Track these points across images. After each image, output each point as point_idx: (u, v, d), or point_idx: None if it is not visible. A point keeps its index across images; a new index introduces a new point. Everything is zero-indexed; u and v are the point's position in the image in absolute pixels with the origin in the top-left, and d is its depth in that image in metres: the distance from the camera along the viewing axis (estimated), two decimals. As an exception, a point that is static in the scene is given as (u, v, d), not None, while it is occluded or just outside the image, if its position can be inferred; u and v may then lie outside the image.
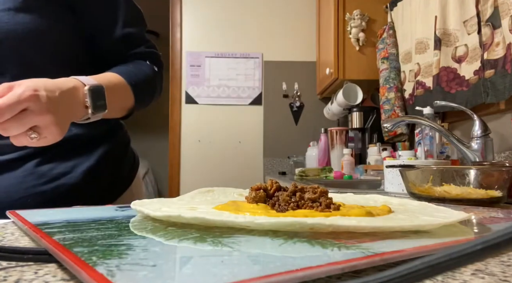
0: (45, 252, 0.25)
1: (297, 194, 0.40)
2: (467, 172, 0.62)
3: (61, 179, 0.65)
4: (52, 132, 0.51)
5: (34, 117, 0.48)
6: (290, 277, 0.19)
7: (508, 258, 0.27)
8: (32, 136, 0.49)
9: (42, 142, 0.51)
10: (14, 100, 0.46)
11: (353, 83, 2.26)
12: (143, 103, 0.74)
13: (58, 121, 0.51)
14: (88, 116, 0.58)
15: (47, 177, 0.64)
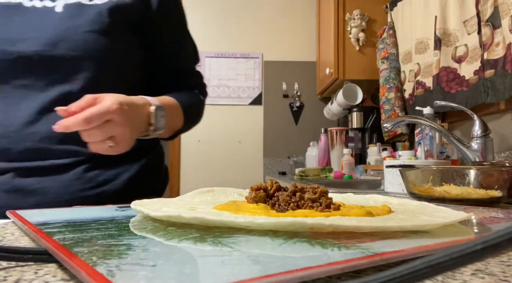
0: (45, 252, 0.25)
1: (297, 194, 0.40)
2: (467, 172, 0.62)
3: (105, 186, 0.67)
4: (125, 143, 0.57)
5: (115, 128, 0.54)
6: (290, 277, 0.19)
7: (508, 258, 0.27)
8: (109, 145, 0.55)
9: (114, 150, 0.56)
10: (103, 111, 0.51)
11: (353, 83, 2.26)
12: (188, 127, 0.81)
13: (132, 134, 0.57)
14: (148, 133, 0.63)
15: (93, 183, 0.66)
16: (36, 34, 0.63)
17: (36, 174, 0.63)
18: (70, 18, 0.65)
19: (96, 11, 0.66)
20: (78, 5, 0.66)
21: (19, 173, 0.62)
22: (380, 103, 1.97)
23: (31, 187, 0.62)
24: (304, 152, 2.59)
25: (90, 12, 0.66)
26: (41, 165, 0.63)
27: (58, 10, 0.66)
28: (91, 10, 0.66)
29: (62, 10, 0.66)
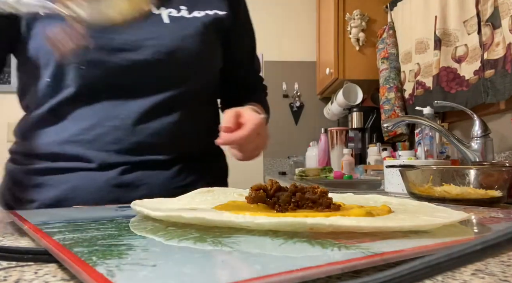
0: (45, 252, 0.25)
1: (297, 194, 0.40)
2: (467, 172, 0.62)
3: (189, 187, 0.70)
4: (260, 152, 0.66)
5: (261, 140, 0.63)
6: (290, 277, 0.19)
7: (508, 258, 0.27)
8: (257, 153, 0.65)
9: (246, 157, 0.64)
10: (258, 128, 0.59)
11: (353, 83, 2.26)
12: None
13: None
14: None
15: (183, 182, 0.71)
16: (154, 42, 0.67)
17: (141, 168, 0.67)
18: (180, 29, 0.70)
19: (201, 23, 0.72)
20: (181, 18, 0.72)
21: (126, 169, 0.66)
22: (380, 103, 1.97)
23: (138, 182, 0.66)
24: (304, 152, 2.59)
25: (195, 24, 0.72)
26: (144, 159, 0.67)
27: (166, 21, 0.71)
28: (195, 22, 0.72)
29: (169, 21, 0.71)
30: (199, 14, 0.73)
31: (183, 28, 0.70)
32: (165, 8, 0.71)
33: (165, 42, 0.68)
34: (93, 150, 0.65)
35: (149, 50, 0.67)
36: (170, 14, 0.71)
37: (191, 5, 0.74)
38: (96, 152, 0.65)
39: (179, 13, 0.72)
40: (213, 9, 0.75)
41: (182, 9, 0.73)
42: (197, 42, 0.71)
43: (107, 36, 0.65)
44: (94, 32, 0.63)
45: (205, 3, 0.75)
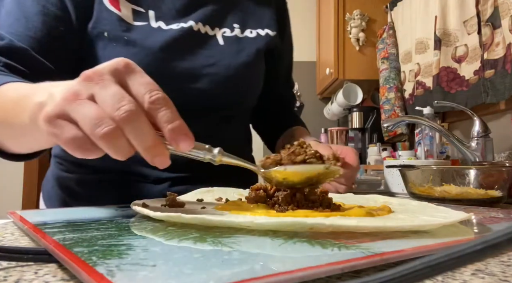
0: (45, 252, 0.25)
1: (297, 194, 0.40)
2: (467, 172, 0.62)
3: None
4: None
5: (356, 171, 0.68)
6: (290, 277, 0.19)
7: (508, 258, 0.27)
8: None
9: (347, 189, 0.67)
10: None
11: (353, 83, 2.26)
12: None
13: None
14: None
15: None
16: (212, 70, 0.68)
17: (186, 182, 0.68)
18: (235, 54, 0.71)
19: (255, 48, 0.73)
20: (235, 39, 0.73)
21: (174, 182, 0.67)
22: (380, 103, 1.97)
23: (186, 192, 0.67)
24: (304, 152, 2.58)
25: (249, 48, 0.73)
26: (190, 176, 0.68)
27: (221, 42, 0.71)
28: (249, 45, 0.73)
29: (223, 43, 0.71)
30: (251, 34, 0.75)
31: (237, 54, 0.71)
32: (219, 28, 0.72)
33: (220, 71, 0.69)
34: (147, 168, 0.66)
35: (205, 79, 0.68)
36: (224, 34, 0.72)
37: (243, 23, 0.75)
38: (152, 170, 0.66)
39: (232, 33, 0.73)
40: (265, 28, 0.76)
41: (235, 28, 0.74)
42: (249, 71, 0.73)
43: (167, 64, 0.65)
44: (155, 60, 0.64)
45: (257, 20, 0.76)
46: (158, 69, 0.64)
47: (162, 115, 0.32)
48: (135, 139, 0.31)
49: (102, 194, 0.66)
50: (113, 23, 0.64)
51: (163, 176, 0.66)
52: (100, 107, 0.30)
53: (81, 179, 0.68)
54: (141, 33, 0.64)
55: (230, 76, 0.69)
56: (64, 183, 0.70)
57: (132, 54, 0.63)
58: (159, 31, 0.66)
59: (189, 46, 0.68)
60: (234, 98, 0.72)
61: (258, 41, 0.75)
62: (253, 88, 0.76)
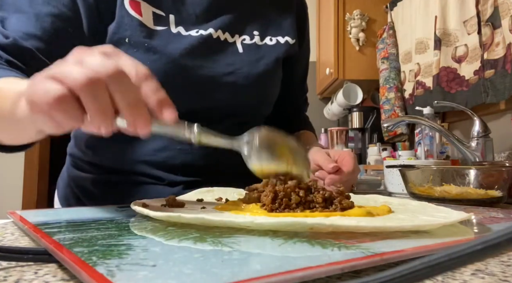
0: (45, 252, 0.25)
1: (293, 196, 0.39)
2: (467, 172, 0.62)
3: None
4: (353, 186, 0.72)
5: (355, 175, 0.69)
6: (290, 277, 0.19)
7: (508, 258, 0.27)
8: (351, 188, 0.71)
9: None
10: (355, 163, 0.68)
11: (353, 83, 2.26)
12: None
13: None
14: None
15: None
16: (231, 79, 0.68)
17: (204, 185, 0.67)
18: (254, 63, 0.71)
19: (274, 56, 0.73)
20: (254, 46, 0.73)
21: (188, 186, 0.66)
22: (380, 103, 1.97)
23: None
24: (304, 152, 2.58)
25: (267, 57, 0.73)
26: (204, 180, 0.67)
27: (240, 50, 0.71)
28: (268, 54, 0.73)
29: (242, 50, 0.71)
30: (271, 42, 0.74)
31: (255, 62, 0.71)
32: (239, 35, 0.72)
33: (239, 80, 0.69)
34: (162, 171, 0.66)
35: (225, 88, 0.68)
36: (244, 42, 0.72)
37: (263, 30, 0.74)
38: (166, 173, 0.66)
39: (252, 40, 0.73)
40: (285, 36, 0.76)
41: (255, 35, 0.73)
42: (267, 80, 0.73)
43: (186, 72, 0.65)
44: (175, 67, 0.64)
45: (277, 28, 0.76)
46: (178, 76, 0.64)
47: (148, 87, 0.33)
48: (118, 95, 0.31)
49: (117, 195, 0.66)
50: (134, 29, 0.63)
51: (177, 180, 0.67)
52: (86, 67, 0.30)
53: (97, 179, 0.69)
54: (161, 40, 0.64)
55: (248, 85, 0.70)
56: (79, 182, 0.71)
57: (152, 61, 0.63)
58: (178, 37, 0.66)
59: (208, 54, 0.68)
60: (250, 106, 0.73)
61: (277, 49, 0.74)
62: (270, 97, 0.77)
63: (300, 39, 0.81)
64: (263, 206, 0.38)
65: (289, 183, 0.40)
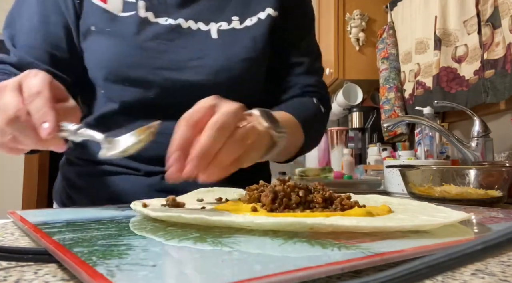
0: (45, 252, 0.25)
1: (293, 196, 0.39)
2: (467, 172, 0.62)
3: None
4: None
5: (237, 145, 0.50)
6: (290, 277, 0.19)
7: (508, 258, 0.27)
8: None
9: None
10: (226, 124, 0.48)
11: (353, 83, 2.26)
12: (308, 147, 0.74)
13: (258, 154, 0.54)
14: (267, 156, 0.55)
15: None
16: (199, 63, 0.66)
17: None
18: (228, 46, 0.67)
19: (250, 37, 0.69)
20: (232, 31, 0.69)
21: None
22: (380, 103, 1.97)
23: (181, 188, 0.62)
24: (304, 152, 2.58)
25: (244, 38, 0.68)
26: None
27: (214, 36, 0.68)
28: (245, 36, 0.69)
29: (217, 36, 0.68)
30: (251, 22, 0.70)
31: (230, 46, 0.67)
32: (215, 22, 0.69)
33: (209, 62, 0.66)
34: (138, 162, 0.66)
35: (191, 71, 0.65)
36: (220, 28, 0.69)
37: (243, 12, 0.70)
38: (142, 164, 0.66)
39: (229, 25, 0.69)
40: (266, 7, 0.71)
41: (233, 20, 0.70)
42: (243, 62, 0.67)
43: (150, 55, 0.65)
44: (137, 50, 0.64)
45: (257, 3, 0.71)
46: (140, 59, 0.64)
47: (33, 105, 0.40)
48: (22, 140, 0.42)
49: (97, 186, 0.67)
50: (98, 16, 0.65)
51: (154, 170, 0.66)
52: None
53: (80, 170, 0.70)
54: (125, 24, 0.65)
55: (219, 67, 0.66)
56: (66, 174, 0.72)
57: (115, 45, 0.64)
58: (144, 23, 0.66)
59: (173, 41, 0.66)
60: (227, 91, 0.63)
61: (258, 28, 0.69)
62: (245, 84, 0.69)
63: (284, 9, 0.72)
64: (263, 206, 0.38)
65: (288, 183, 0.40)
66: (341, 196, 0.40)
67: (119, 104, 0.67)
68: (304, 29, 0.79)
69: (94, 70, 0.67)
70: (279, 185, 0.40)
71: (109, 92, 0.68)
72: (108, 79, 0.66)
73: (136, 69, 0.65)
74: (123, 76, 0.65)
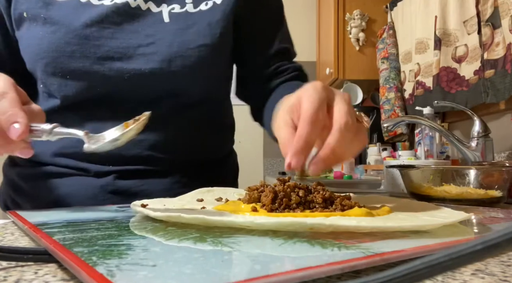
0: (45, 252, 0.25)
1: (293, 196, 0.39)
2: (467, 172, 0.62)
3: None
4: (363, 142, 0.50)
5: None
6: (290, 277, 0.19)
7: (508, 258, 0.27)
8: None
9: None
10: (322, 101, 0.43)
11: (353, 83, 2.26)
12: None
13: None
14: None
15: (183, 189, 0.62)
16: (151, 50, 0.60)
17: (136, 176, 0.62)
18: (181, 31, 0.62)
19: (206, 22, 0.63)
20: (185, 15, 0.63)
21: (120, 175, 0.62)
22: (380, 103, 1.97)
23: (135, 188, 0.62)
24: (304, 152, 2.58)
25: (199, 23, 0.63)
26: (141, 168, 0.63)
27: (166, 19, 0.62)
28: (200, 20, 0.63)
29: (169, 20, 0.62)
30: (206, 6, 0.64)
31: (183, 30, 0.62)
32: (168, 4, 0.63)
33: (161, 49, 0.60)
34: (87, 162, 0.61)
35: (141, 59, 0.60)
36: (172, 11, 0.63)
37: None
38: (91, 164, 0.61)
39: (183, 8, 0.63)
40: None
41: (187, 3, 0.64)
42: (198, 49, 0.62)
43: (92, 42, 0.59)
44: (78, 38, 0.58)
45: None
46: (82, 48, 0.58)
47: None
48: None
49: (42, 187, 0.63)
50: (30, 1, 0.60)
51: (104, 169, 0.61)
52: None
53: (22, 171, 0.65)
54: (63, 10, 0.59)
55: (173, 54, 0.60)
56: (9, 176, 0.68)
57: (51, 33, 0.58)
58: (86, 7, 0.60)
59: (121, 23, 0.61)
60: (183, 81, 0.62)
61: (213, 13, 0.64)
62: (206, 68, 0.63)
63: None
64: (263, 206, 0.38)
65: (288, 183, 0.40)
66: (341, 195, 0.40)
67: (61, 100, 0.61)
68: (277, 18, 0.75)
69: (31, 62, 0.61)
70: (279, 185, 0.40)
71: (48, 87, 0.61)
72: (46, 72, 0.59)
73: (77, 60, 0.58)
74: (62, 68, 0.58)
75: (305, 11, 2.86)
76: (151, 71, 0.60)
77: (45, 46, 0.58)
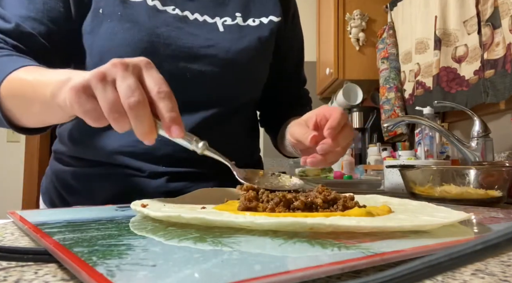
0: (45, 252, 0.25)
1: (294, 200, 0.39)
2: (467, 172, 0.62)
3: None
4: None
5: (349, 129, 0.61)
6: (290, 277, 0.19)
7: (508, 258, 0.27)
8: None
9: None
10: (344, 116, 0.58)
11: (353, 83, 2.26)
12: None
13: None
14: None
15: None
16: (211, 52, 0.65)
17: (187, 178, 0.65)
18: (236, 40, 0.68)
19: (256, 36, 0.70)
20: (237, 26, 0.70)
21: (172, 177, 0.65)
22: (380, 103, 1.97)
23: (185, 190, 0.63)
24: (304, 152, 2.58)
25: (251, 35, 0.70)
26: (191, 171, 0.66)
27: (221, 29, 0.68)
28: (250, 33, 0.70)
29: (223, 29, 0.68)
30: (254, 23, 0.72)
31: (237, 39, 0.68)
32: (220, 17, 0.70)
33: (220, 53, 0.66)
34: (143, 162, 0.64)
35: (203, 60, 0.65)
36: (225, 23, 0.70)
37: (245, 11, 0.72)
38: (147, 164, 0.64)
39: (233, 21, 0.70)
40: (268, 15, 0.74)
41: (237, 17, 0.71)
42: (250, 58, 0.69)
43: (163, 41, 0.63)
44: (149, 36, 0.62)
45: (260, 9, 0.74)
46: (152, 45, 0.62)
47: (163, 105, 0.38)
48: (134, 125, 0.38)
49: (97, 188, 0.65)
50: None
51: (159, 170, 0.64)
52: (116, 93, 0.37)
53: (77, 172, 0.67)
54: (136, 10, 0.63)
55: (229, 59, 0.66)
56: (60, 176, 0.69)
57: (126, 29, 0.62)
58: (153, 11, 0.64)
59: (183, 29, 0.65)
60: (235, 85, 0.69)
61: (261, 29, 0.72)
62: (255, 76, 0.73)
63: (285, 16, 0.78)
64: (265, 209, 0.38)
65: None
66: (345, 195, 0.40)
67: None
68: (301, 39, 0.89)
69: (98, 55, 0.64)
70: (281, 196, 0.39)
71: None
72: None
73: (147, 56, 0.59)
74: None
75: (305, 11, 2.86)
76: (211, 72, 0.66)
77: (118, 41, 0.62)
